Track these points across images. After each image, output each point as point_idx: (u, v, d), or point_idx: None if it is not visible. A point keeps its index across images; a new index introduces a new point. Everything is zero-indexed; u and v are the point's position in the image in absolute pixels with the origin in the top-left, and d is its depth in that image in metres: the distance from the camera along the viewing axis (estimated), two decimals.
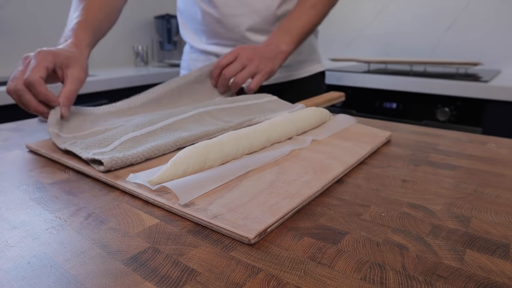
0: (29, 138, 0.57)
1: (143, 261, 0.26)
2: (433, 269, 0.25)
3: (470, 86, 1.33)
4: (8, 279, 0.24)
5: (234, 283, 0.24)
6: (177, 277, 0.25)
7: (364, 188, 0.39)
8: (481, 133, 1.33)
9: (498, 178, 0.41)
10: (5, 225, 0.31)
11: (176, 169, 0.37)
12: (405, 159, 0.48)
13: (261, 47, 0.73)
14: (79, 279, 0.24)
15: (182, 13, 0.92)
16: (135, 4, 2.20)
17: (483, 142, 0.55)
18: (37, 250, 0.27)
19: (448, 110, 1.40)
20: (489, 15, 1.72)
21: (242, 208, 0.32)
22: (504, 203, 0.35)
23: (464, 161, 0.47)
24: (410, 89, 1.46)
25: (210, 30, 0.87)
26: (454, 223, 0.32)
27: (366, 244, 0.29)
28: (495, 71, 1.61)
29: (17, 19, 1.73)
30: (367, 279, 0.24)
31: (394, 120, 1.48)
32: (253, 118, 0.58)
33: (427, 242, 0.29)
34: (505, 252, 0.27)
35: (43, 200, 0.36)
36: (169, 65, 2.24)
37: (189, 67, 0.94)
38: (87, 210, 0.34)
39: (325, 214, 0.33)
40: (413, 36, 1.94)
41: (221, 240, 0.29)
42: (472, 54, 1.78)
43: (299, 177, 0.39)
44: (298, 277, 0.25)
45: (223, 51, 0.86)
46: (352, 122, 0.60)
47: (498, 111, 1.31)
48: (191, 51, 0.94)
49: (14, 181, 0.41)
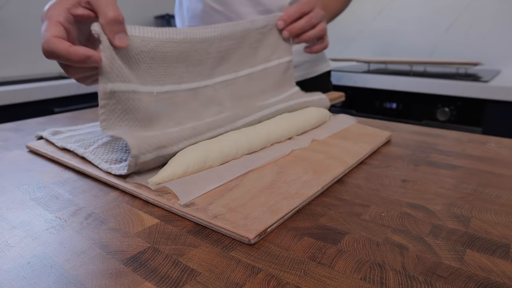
0: (29, 138, 0.57)
1: (143, 261, 0.26)
2: (433, 269, 0.25)
3: (470, 86, 1.33)
4: (8, 279, 0.24)
5: (234, 283, 0.24)
6: (177, 277, 0.25)
7: (364, 188, 0.39)
8: (481, 133, 1.33)
9: (498, 178, 0.41)
10: (5, 225, 0.31)
11: (176, 169, 0.37)
12: (405, 159, 0.48)
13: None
14: (79, 279, 0.24)
15: (182, 10, 0.91)
16: (135, 4, 2.20)
17: (483, 142, 0.55)
18: (37, 250, 0.27)
19: (448, 110, 1.40)
20: (489, 15, 1.72)
21: (242, 208, 0.32)
22: (504, 203, 0.35)
23: (464, 161, 0.47)
24: (410, 89, 1.46)
25: None
26: (454, 223, 0.32)
27: (366, 244, 0.29)
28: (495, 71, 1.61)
29: (17, 19, 1.73)
30: (367, 279, 0.24)
31: (394, 120, 1.48)
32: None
33: (427, 242, 0.29)
34: (505, 252, 0.27)
35: (43, 200, 0.36)
36: None
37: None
38: (87, 210, 0.34)
39: (325, 214, 0.33)
40: (413, 36, 1.94)
41: (221, 240, 0.29)
42: (472, 54, 1.78)
43: (299, 177, 0.39)
44: (298, 277, 0.25)
45: None
46: (352, 122, 0.60)
47: (498, 111, 1.31)
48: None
49: (14, 181, 0.41)
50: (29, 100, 1.35)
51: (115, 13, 0.38)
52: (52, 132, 0.53)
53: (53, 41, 0.36)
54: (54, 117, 0.73)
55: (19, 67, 1.77)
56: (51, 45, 0.36)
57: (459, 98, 1.37)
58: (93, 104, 1.50)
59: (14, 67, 1.74)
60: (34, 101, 1.38)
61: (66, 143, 0.48)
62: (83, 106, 1.47)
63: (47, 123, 0.67)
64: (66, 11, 0.38)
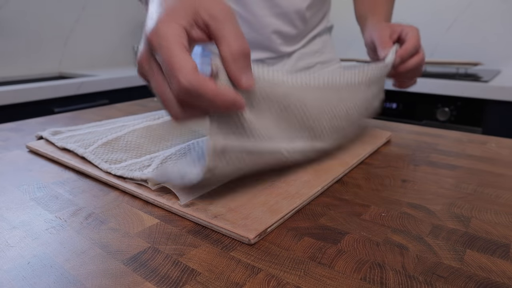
0: (29, 138, 0.57)
1: (143, 261, 0.26)
2: (433, 269, 0.25)
3: (470, 86, 1.33)
4: (8, 279, 0.24)
5: (234, 283, 0.24)
6: (177, 277, 0.25)
7: (364, 188, 0.39)
8: (481, 133, 1.33)
9: (498, 178, 0.41)
10: (5, 225, 0.31)
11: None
12: (405, 159, 0.48)
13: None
14: (79, 279, 0.24)
15: None
16: (135, 4, 2.20)
17: (483, 142, 0.55)
18: (37, 250, 0.27)
19: (448, 110, 1.40)
20: (489, 15, 1.72)
21: (242, 208, 0.32)
22: (504, 203, 0.35)
23: (464, 161, 0.47)
24: (410, 89, 1.46)
25: None
26: (454, 223, 0.32)
27: (366, 244, 0.29)
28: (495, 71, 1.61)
29: (17, 19, 1.73)
30: (367, 279, 0.24)
31: (394, 120, 1.48)
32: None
33: (427, 242, 0.29)
34: (505, 252, 0.27)
35: (43, 200, 0.36)
36: None
37: (201, 71, 0.92)
38: (87, 210, 0.34)
39: (325, 214, 0.33)
40: None
41: (221, 240, 0.29)
42: (472, 54, 1.78)
43: (299, 177, 0.39)
44: (298, 277, 0.25)
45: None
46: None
47: (498, 111, 1.31)
48: (203, 55, 0.92)
49: (14, 181, 0.41)
50: (29, 100, 1.35)
51: (243, 44, 0.29)
52: (52, 132, 0.53)
53: (200, 80, 0.27)
54: (54, 117, 0.73)
55: (19, 67, 1.77)
56: (197, 84, 0.26)
57: (459, 98, 1.37)
58: (93, 104, 1.50)
59: (14, 67, 1.74)
60: (34, 101, 1.38)
61: (66, 143, 0.48)
62: (83, 106, 1.47)
63: (47, 123, 0.67)
64: (184, 31, 0.29)
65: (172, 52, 0.27)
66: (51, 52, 1.89)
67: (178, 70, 0.26)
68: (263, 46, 0.85)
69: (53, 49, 1.89)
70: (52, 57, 1.90)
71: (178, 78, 0.26)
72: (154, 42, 0.28)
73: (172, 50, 0.27)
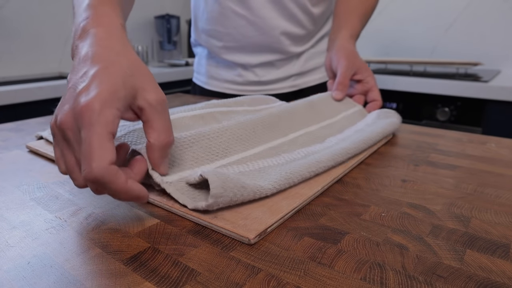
0: (29, 138, 0.57)
1: (143, 261, 0.26)
2: (433, 269, 0.25)
3: (470, 86, 1.33)
4: (8, 279, 0.24)
5: (234, 283, 0.24)
6: (177, 277, 0.25)
7: (364, 188, 0.39)
8: (481, 133, 1.33)
9: (498, 178, 0.41)
10: (5, 225, 0.31)
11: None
12: (405, 159, 0.48)
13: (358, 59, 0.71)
14: (79, 279, 0.24)
15: (197, 10, 0.87)
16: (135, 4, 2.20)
17: (483, 142, 0.55)
18: (37, 250, 0.27)
19: (448, 110, 1.40)
20: (489, 15, 1.72)
21: (242, 208, 0.32)
22: (504, 203, 0.35)
23: (464, 161, 0.47)
24: (410, 89, 1.46)
25: (238, 33, 0.82)
26: (454, 223, 0.32)
27: (366, 244, 0.29)
28: (495, 71, 1.61)
29: (17, 19, 1.73)
30: (367, 279, 0.24)
31: None
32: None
33: (427, 242, 0.29)
34: (505, 252, 0.27)
35: (43, 200, 0.36)
36: (169, 65, 2.24)
37: (208, 73, 0.91)
38: (87, 210, 0.34)
39: (325, 214, 0.33)
40: (413, 36, 1.94)
41: (221, 240, 0.29)
42: (472, 54, 1.78)
43: None
44: (298, 277, 0.25)
45: (247, 59, 0.84)
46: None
47: (498, 111, 1.31)
48: (209, 56, 0.91)
49: (14, 181, 0.41)
50: (29, 100, 1.35)
51: (170, 136, 0.33)
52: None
53: (112, 175, 0.27)
54: None
55: (19, 67, 1.77)
56: (107, 178, 0.27)
57: (459, 98, 1.37)
58: None
59: (14, 67, 1.75)
60: (34, 101, 1.38)
61: None
62: None
63: (47, 123, 0.67)
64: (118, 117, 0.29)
65: (97, 138, 0.27)
66: (51, 52, 1.89)
67: (95, 158, 0.27)
68: (272, 48, 0.84)
69: (53, 49, 1.89)
70: (52, 57, 1.90)
71: (92, 165, 0.27)
72: (85, 116, 0.28)
73: (99, 136, 0.27)
